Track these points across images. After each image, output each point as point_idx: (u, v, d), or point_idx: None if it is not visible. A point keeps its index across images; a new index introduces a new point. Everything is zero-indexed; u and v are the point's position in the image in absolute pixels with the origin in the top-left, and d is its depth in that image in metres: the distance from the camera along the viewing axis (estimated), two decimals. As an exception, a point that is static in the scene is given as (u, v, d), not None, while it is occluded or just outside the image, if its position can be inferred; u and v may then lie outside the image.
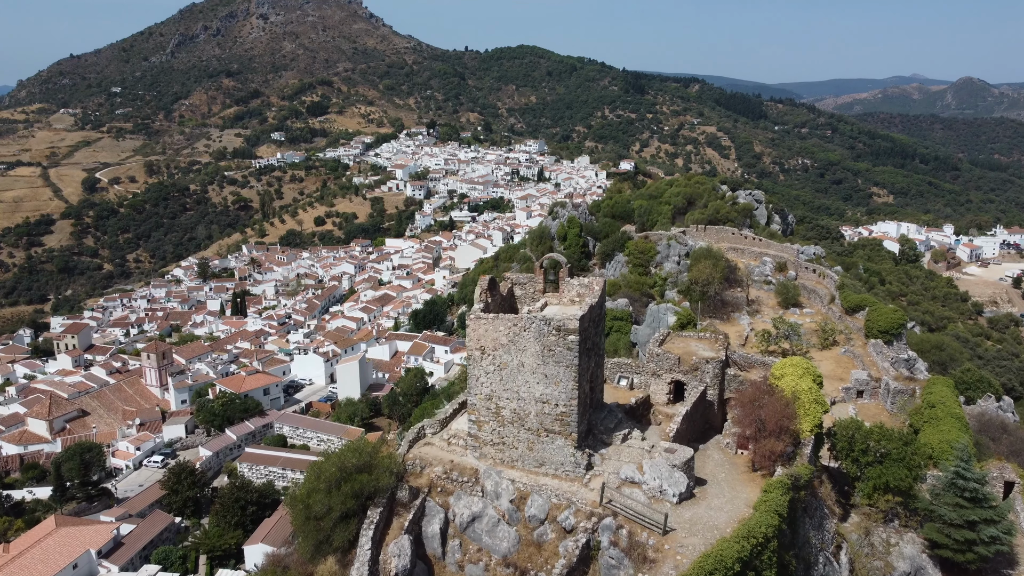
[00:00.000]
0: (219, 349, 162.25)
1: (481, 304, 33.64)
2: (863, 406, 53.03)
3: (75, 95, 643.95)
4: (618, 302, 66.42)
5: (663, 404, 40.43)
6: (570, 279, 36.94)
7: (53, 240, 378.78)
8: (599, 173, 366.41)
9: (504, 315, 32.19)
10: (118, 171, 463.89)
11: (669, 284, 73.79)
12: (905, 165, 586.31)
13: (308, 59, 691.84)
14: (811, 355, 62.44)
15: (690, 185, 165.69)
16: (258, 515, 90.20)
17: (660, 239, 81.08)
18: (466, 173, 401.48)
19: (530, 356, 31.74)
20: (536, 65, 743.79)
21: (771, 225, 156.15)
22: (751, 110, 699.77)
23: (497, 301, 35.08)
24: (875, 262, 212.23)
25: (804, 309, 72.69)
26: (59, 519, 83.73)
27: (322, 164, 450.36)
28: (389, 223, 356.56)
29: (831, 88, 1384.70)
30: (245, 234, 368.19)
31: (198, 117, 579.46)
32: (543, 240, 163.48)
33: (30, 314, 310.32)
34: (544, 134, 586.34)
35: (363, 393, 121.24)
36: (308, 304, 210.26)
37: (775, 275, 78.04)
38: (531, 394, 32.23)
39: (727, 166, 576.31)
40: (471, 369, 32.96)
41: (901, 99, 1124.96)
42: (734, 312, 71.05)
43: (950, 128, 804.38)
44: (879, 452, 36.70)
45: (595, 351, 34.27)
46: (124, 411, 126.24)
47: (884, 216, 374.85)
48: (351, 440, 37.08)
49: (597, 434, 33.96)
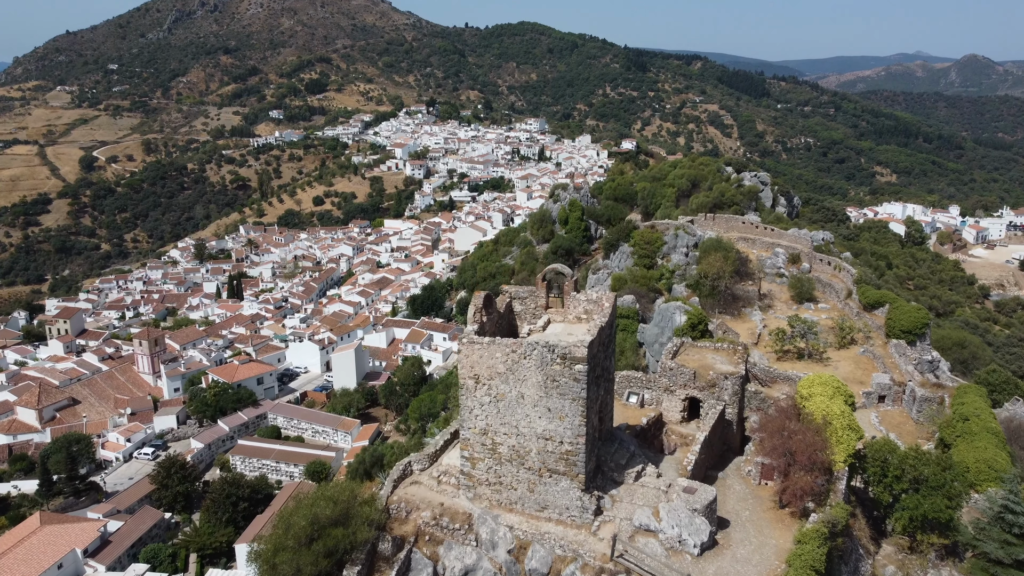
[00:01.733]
0: (214, 334, 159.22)
1: (475, 325, 29.59)
2: (886, 413, 49.81)
3: (72, 72, 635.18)
4: (624, 299, 62.79)
5: (677, 422, 37.20)
6: (576, 294, 32.64)
7: (50, 219, 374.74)
8: (600, 152, 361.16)
9: (501, 340, 28.25)
10: (115, 149, 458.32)
11: (677, 277, 70.24)
12: (909, 144, 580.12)
13: (307, 36, 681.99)
14: (828, 355, 59.14)
15: (694, 167, 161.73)
16: (250, 511, 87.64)
17: (667, 229, 77.36)
18: (466, 152, 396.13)
19: (531, 387, 27.81)
20: (537, 42, 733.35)
21: (776, 208, 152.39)
22: (754, 88, 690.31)
23: (494, 320, 31.16)
24: (881, 245, 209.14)
25: (819, 304, 69.10)
26: (44, 516, 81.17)
27: (321, 143, 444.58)
28: (388, 203, 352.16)
29: (834, 65, 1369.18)
30: (243, 214, 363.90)
31: (196, 95, 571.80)
32: (544, 223, 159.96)
33: (27, 294, 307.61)
34: (545, 112, 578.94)
35: (359, 382, 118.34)
36: (305, 287, 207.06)
37: (788, 267, 74.38)
38: (532, 429, 28.33)
39: (729, 145, 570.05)
40: (464, 399, 29.02)
41: (905, 77, 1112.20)
42: (745, 307, 67.55)
43: (954, 106, 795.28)
44: (914, 478, 33.49)
45: (605, 377, 30.39)
46: (116, 399, 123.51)
47: (888, 196, 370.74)
48: (326, 486, 32.38)
49: (607, 471, 30.30)
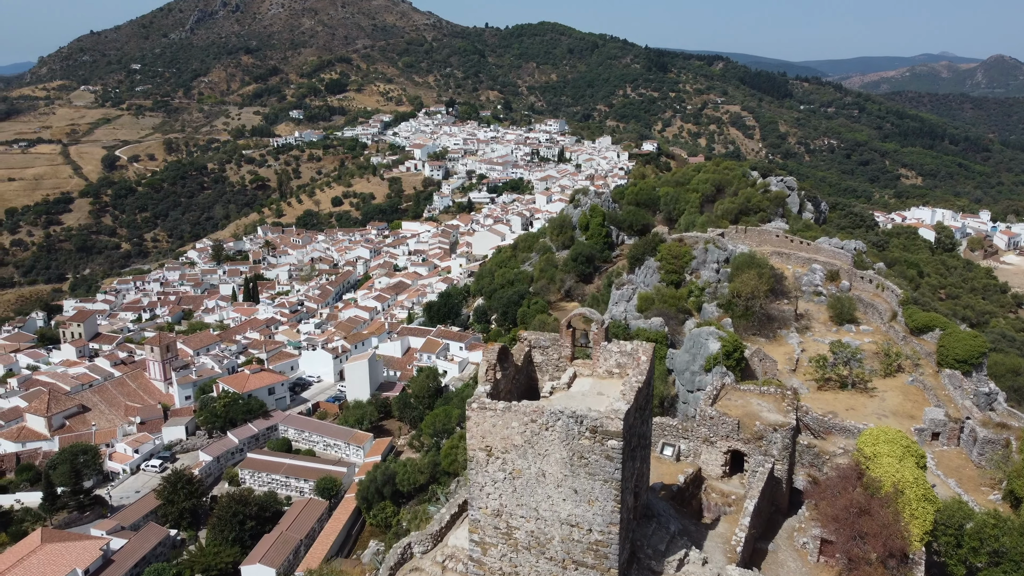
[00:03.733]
0: (228, 339, 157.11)
1: (487, 385, 25.20)
2: (942, 454, 45.36)
3: (95, 72, 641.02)
4: (652, 321, 58.62)
5: (717, 477, 33.22)
6: (608, 344, 28.24)
7: (72, 219, 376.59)
8: (621, 154, 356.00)
9: (518, 406, 23.86)
10: (137, 149, 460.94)
11: (707, 296, 65.89)
12: (934, 146, 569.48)
13: (327, 36, 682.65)
14: (873, 384, 54.65)
15: (719, 171, 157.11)
16: (257, 530, 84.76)
17: (696, 243, 73.05)
18: (485, 153, 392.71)
19: (554, 463, 23.41)
20: (557, 42, 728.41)
21: (803, 214, 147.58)
22: (776, 88, 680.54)
23: (509, 376, 26.79)
24: (911, 252, 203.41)
25: (861, 326, 64.38)
26: (45, 533, 78.70)
27: (340, 143, 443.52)
28: (407, 204, 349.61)
29: (857, 66, 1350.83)
30: (262, 214, 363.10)
31: (217, 95, 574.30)
32: (564, 229, 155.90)
33: (48, 293, 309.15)
34: (565, 113, 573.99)
35: (373, 393, 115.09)
36: (321, 290, 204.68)
37: (826, 285, 69.79)
38: (555, 513, 23.85)
39: (751, 146, 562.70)
40: (473, 474, 24.66)
41: (930, 77, 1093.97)
42: (781, 329, 63.13)
43: (980, 107, 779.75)
44: (995, 550, 29.35)
45: (641, 445, 26.08)
46: (126, 407, 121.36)
47: (915, 200, 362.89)
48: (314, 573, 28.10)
49: (643, 559, 25.83)
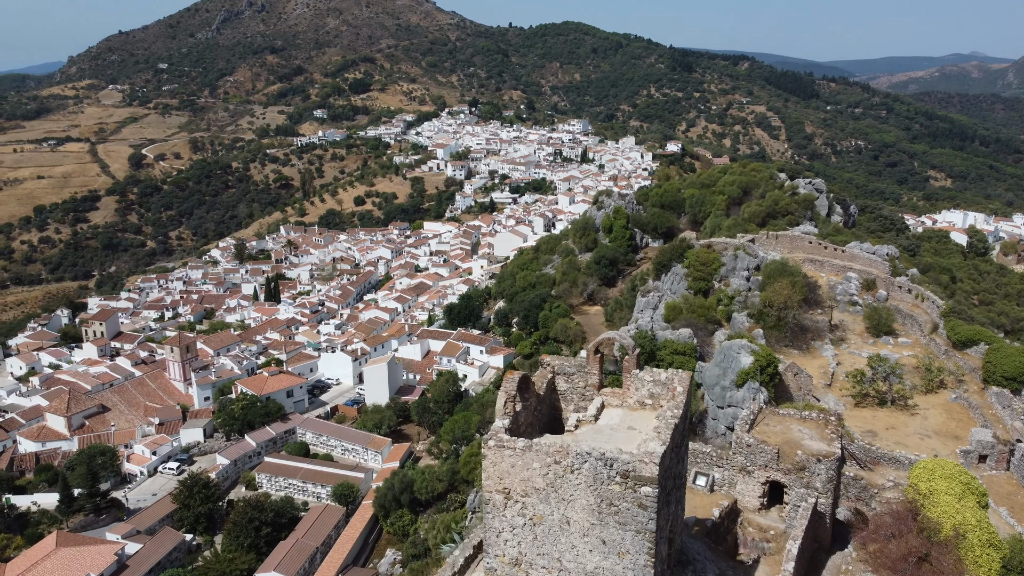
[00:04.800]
0: (248, 339, 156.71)
1: (506, 420, 22.38)
2: (991, 479, 42.50)
3: (123, 71, 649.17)
4: (680, 332, 56.02)
5: (754, 510, 30.90)
6: (639, 372, 25.48)
7: (98, 216, 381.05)
8: (645, 155, 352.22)
9: (540, 444, 21.21)
10: (163, 147, 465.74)
11: (737, 305, 63.27)
12: (964, 147, 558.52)
13: (351, 35, 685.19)
14: (914, 401, 51.79)
15: (745, 173, 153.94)
16: (273, 536, 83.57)
17: (725, 249, 70.30)
18: (508, 153, 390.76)
19: (579, 510, 20.82)
20: (581, 42, 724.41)
21: (832, 216, 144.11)
22: (802, 89, 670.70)
23: (530, 408, 24.14)
24: (943, 256, 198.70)
25: (899, 339, 61.30)
26: (60, 537, 78.09)
27: (363, 142, 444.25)
28: (429, 204, 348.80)
29: (885, 66, 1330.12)
30: (285, 213, 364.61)
31: (242, 94, 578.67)
32: (587, 231, 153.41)
33: (74, 290, 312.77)
34: (588, 113, 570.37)
35: (392, 396, 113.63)
36: (342, 290, 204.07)
37: (862, 295, 66.79)
38: (580, 566, 21.22)
39: (777, 147, 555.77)
40: (489, 519, 22.14)
41: (960, 77, 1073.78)
42: (815, 340, 60.31)
43: (1012, 108, 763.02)
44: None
45: (677, 487, 23.40)
46: (145, 407, 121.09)
47: (945, 202, 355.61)
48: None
49: None
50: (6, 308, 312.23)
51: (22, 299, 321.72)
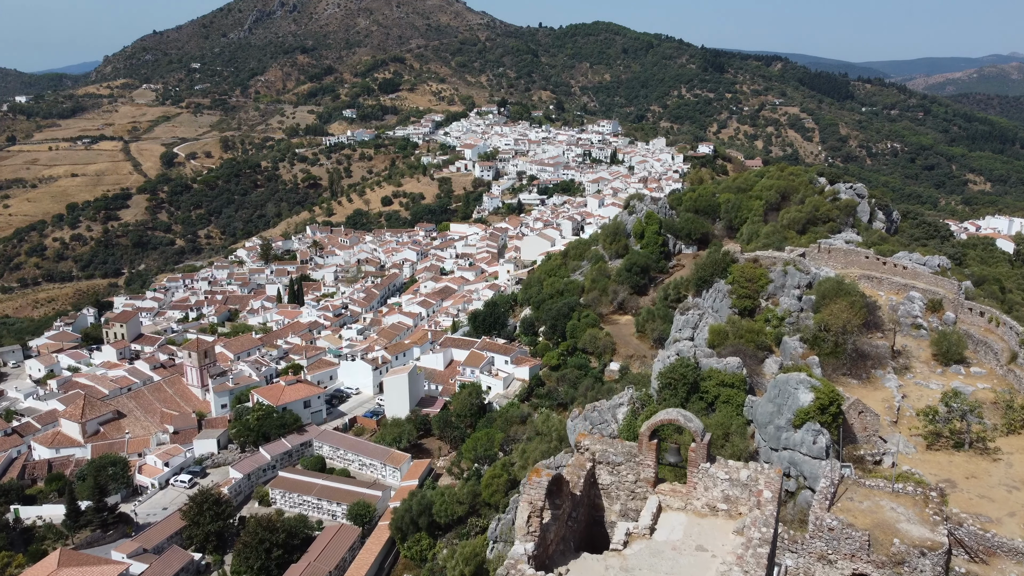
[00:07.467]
0: (269, 343, 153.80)
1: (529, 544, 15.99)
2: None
3: (157, 71, 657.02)
4: (728, 361, 50.04)
5: (835, 607, 25.50)
6: (709, 465, 19.21)
7: (129, 214, 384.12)
8: (675, 156, 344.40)
9: None
10: (195, 146, 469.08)
11: (788, 327, 57.43)
12: (1004, 150, 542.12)
13: (381, 35, 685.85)
14: (996, 443, 45.68)
15: (783, 177, 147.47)
16: (285, 559, 79.43)
17: (773, 264, 64.25)
18: (536, 154, 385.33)
19: None
20: (611, 42, 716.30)
21: (874, 223, 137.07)
22: (836, 90, 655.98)
23: (563, 514, 17.94)
24: (989, 264, 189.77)
25: (971, 367, 55.05)
26: (63, 556, 74.74)
27: (391, 142, 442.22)
28: (456, 204, 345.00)
29: (922, 67, 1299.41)
30: (313, 213, 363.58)
31: (273, 93, 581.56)
32: (617, 237, 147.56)
33: (104, 288, 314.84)
34: (618, 113, 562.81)
35: (413, 408, 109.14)
36: (367, 293, 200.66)
37: (927, 316, 60.42)
38: None
39: (810, 149, 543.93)
40: None
41: (999, 79, 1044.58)
42: (875, 368, 54.12)
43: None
44: None
45: None
46: (162, 414, 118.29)
47: (984, 206, 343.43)
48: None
49: None
50: (37, 305, 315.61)
51: (53, 296, 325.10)
